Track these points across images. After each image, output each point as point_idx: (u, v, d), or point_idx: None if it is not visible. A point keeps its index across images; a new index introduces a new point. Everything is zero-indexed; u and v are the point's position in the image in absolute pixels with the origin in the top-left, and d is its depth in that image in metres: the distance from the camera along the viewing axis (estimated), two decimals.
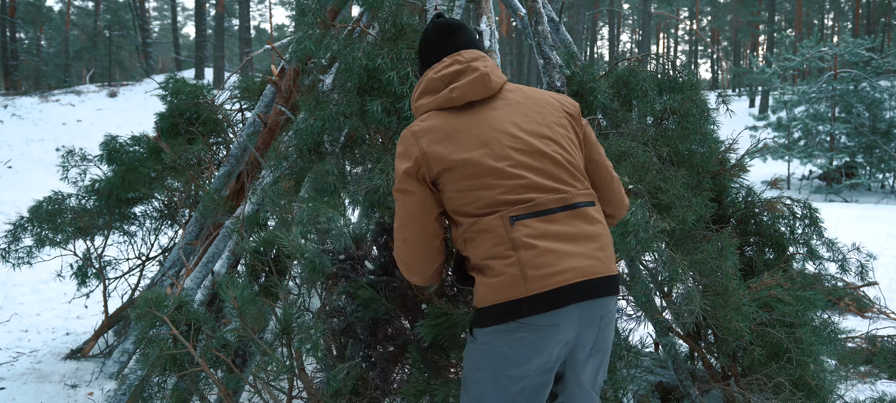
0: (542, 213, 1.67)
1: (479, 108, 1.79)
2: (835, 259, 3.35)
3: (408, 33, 2.74)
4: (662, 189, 2.67)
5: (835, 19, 43.98)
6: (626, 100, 3.15)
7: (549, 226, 1.66)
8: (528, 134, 1.75)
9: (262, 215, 3.02)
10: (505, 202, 1.66)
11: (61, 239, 4.09)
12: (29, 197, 6.42)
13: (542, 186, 1.69)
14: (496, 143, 1.71)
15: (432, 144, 1.72)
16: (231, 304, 2.18)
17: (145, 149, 4.16)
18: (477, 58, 1.84)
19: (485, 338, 1.70)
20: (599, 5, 35.35)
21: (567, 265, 1.63)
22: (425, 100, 1.83)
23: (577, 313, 1.65)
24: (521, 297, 1.61)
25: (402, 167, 1.75)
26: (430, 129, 1.75)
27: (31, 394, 3.49)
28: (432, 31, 1.91)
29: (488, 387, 1.73)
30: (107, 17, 32.02)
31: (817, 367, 2.54)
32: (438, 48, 1.88)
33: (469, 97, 1.78)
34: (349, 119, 2.57)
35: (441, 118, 1.77)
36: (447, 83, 1.80)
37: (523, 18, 3.55)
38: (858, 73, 15.85)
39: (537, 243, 1.63)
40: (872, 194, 15.93)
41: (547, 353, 1.67)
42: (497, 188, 1.67)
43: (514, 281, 1.61)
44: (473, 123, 1.75)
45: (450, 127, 1.74)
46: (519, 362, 1.67)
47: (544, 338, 1.65)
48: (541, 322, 1.62)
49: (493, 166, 1.68)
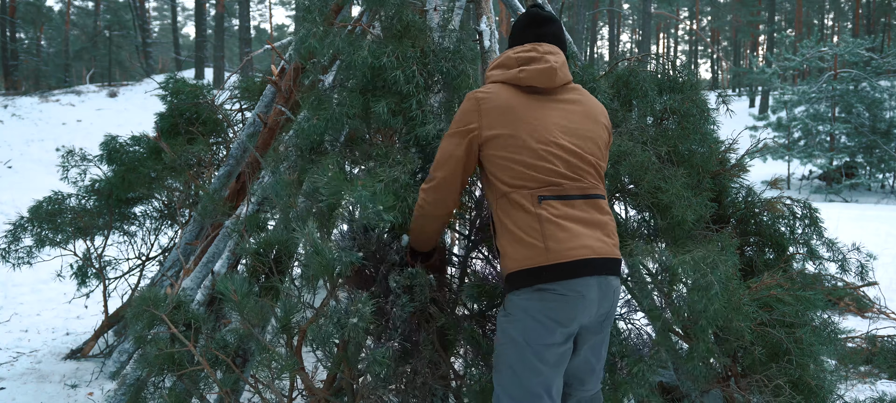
0: (565, 198, 1.93)
1: (539, 96, 2.03)
2: (835, 259, 3.35)
3: (412, 31, 2.73)
4: (662, 188, 2.67)
5: (835, 19, 43.98)
6: (626, 100, 3.15)
7: (568, 209, 1.93)
8: (570, 132, 2.00)
9: (263, 216, 3.01)
10: (536, 182, 1.92)
11: (61, 239, 4.08)
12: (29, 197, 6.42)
13: (568, 176, 1.95)
14: (542, 130, 1.96)
15: (490, 111, 1.98)
16: (230, 299, 2.17)
17: (145, 149, 4.15)
18: (552, 52, 2.07)
19: (518, 305, 1.92)
20: (599, 5, 35.34)
21: (581, 243, 1.89)
22: (497, 72, 2.08)
23: (596, 285, 1.91)
24: (541, 265, 1.87)
25: (461, 120, 2.01)
26: (492, 98, 2.00)
27: (31, 394, 3.49)
28: (525, 16, 2.17)
29: (521, 359, 1.91)
30: (107, 17, 32.01)
31: (817, 367, 2.54)
32: (525, 32, 2.13)
33: (533, 82, 2.02)
34: (352, 119, 2.57)
35: (505, 91, 2.01)
36: (519, 64, 2.04)
37: None
38: (858, 73, 15.86)
39: (559, 221, 1.89)
40: (872, 194, 15.93)
41: (574, 321, 1.91)
42: (532, 168, 1.93)
43: (537, 251, 1.88)
44: (529, 107, 1.99)
45: (510, 102, 1.99)
46: (549, 328, 1.89)
47: (573, 306, 1.89)
48: (566, 289, 1.87)
49: (533, 147, 1.93)
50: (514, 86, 2.02)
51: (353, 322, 1.96)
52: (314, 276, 2.17)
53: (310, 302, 2.37)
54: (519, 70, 2.02)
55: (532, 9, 2.18)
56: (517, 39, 2.15)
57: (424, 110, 2.47)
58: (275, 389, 2.25)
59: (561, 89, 2.07)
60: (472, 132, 1.99)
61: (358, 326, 1.96)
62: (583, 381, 2.10)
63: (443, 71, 2.61)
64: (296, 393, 2.39)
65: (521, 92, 2.02)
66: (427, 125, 2.43)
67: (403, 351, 2.23)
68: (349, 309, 2.01)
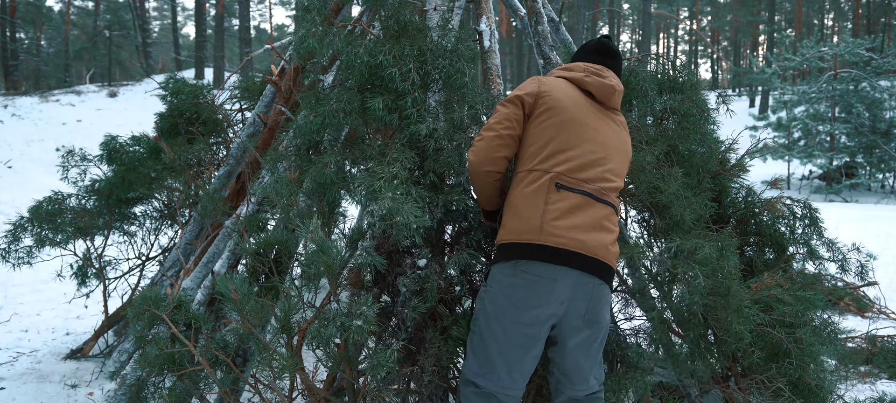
0: (580, 193, 2.03)
1: (593, 105, 2.20)
2: (835, 259, 3.35)
3: (410, 31, 2.73)
4: (660, 188, 2.67)
5: (835, 19, 43.97)
6: (626, 100, 3.15)
7: (577, 204, 2.02)
8: (606, 144, 2.14)
9: (263, 216, 3.01)
10: (560, 167, 2.04)
11: (61, 239, 4.08)
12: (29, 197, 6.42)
13: (591, 177, 2.06)
14: (584, 127, 2.11)
15: (548, 91, 2.15)
16: (230, 299, 2.17)
17: (145, 149, 4.15)
18: (614, 77, 2.28)
19: (495, 277, 2.05)
20: (599, 5, 35.34)
21: (575, 236, 1.99)
22: (563, 71, 2.30)
23: (573, 279, 1.99)
24: (529, 242, 1.98)
25: (518, 90, 2.18)
26: (553, 82, 2.20)
27: (31, 394, 3.49)
28: (597, 44, 2.37)
29: (488, 327, 2.04)
30: (107, 17, 32.01)
31: (817, 367, 2.54)
32: (594, 55, 2.34)
33: (593, 89, 2.22)
34: (349, 116, 2.57)
35: (565, 84, 2.21)
36: (586, 72, 2.24)
37: (523, 18, 3.55)
38: (858, 73, 15.85)
39: (564, 211, 2.00)
40: (872, 194, 15.93)
41: (543, 306, 1.99)
42: (561, 153, 2.06)
43: (530, 227, 1.99)
44: (581, 105, 2.16)
45: (567, 92, 2.17)
46: (519, 308, 1.99)
47: (543, 289, 1.98)
48: (541, 272, 1.97)
49: (570, 135, 2.08)
50: (574, 85, 2.22)
51: (357, 324, 1.96)
52: (317, 275, 2.17)
53: (310, 302, 2.37)
54: (585, 74, 2.23)
55: (604, 39, 2.38)
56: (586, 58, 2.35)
57: (419, 108, 2.46)
58: (276, 389, 2.24)
59: (611, 111, 2.26)
60: (524, 100, 2.14)
61: (362, 328, 1.95)
62: (572, 380, 2.13)
63: (441, 69, 2.61)
64: (296, 393, 2.39)
65: (579, 92, 2.20)
66: (421, 123, 2.42)
67: (407, 352, 2.23)
68: (351, 311, 2.01)
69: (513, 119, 2.14)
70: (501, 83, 3.16)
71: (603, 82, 2.22)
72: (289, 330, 2.21)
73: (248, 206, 3.01)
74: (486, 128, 2.18)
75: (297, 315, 2.25)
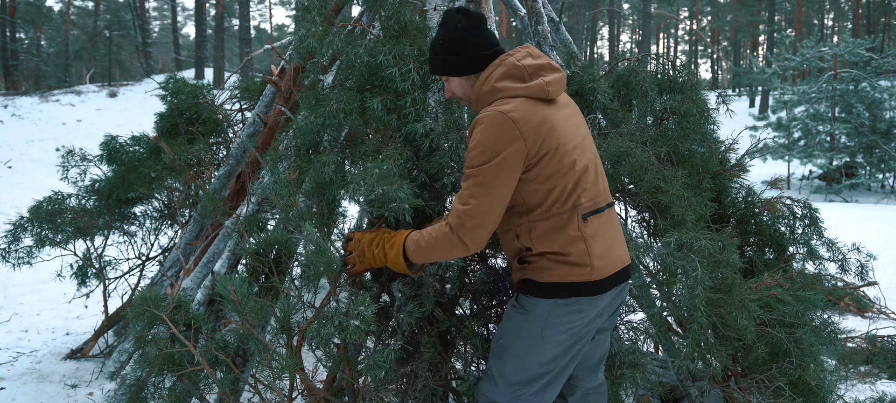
0: (599, 211, 1.93)
1: (557, 106, 1.92)
2: (835, 259, 3.35)
3: (411, 31, 2.73)
4: (662, 189, 2.67)
5: (835, 19, 43.98)
6: (626, 100, 3.14)
7: (603, 222, 1.93)
8: (585, 140, 1.97)
9: (263, 216, 3.01)
10: (582, 197, 1.87)
11: (61, 239, 4.08)
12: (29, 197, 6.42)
13: (597, 189, 1.95)
14: (580, 143, 1.92)
15: (534, 131, 1.80)
16: (230, 299, 2.17)
17: (145, 149, 4.15)
18: (546, 56, 1.99)
19: (541, 310, 1.91)
20: (599, 5, 35.33)
21: (615, 255, 1.94)
22: (510, 83, 1.88)
23: (613, 292, 1.95)
24: (586, 280, 1.87)
25: (502, 150, 1.78)
26: (528, 116, 1.81)
27: (31, 394, 3.49)
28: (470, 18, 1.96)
29: (529, 353, 1.93)
30: (107, 17, 32.01)
31: (817, 367, 2.54)
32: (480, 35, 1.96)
33: (557, 93, 1.92)
34: (349, 116, 2.56)
35: (534, 107, 1.84)
36: (533, 74, 1.88)
37: (523, 18, 3.55)
38: (858, 73, 15.85)
39: (601, 236, 1.90)
40: (872, 194, 15.93)
41: (587, 322, 1.93)
42: (578, 185, 1.87)
43: (584, 269, 1.86)
44: (562, 119, 1.89)
45: (545, 118, 1.84)
46: (565, 330, 1.91)
47: (591, 310, 1.92)
48: (592, 300, 1.90)
49: (578, 161, 1.87)
50: (538, 100, 1.86)
51: (355, 324, 1.95)
52: (316, 275, 2.17)
53: (310, 302, 2.37)
54: (545, 82, 1.86)
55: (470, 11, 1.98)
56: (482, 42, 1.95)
57: (418, 108, 2.46)
58: (276, 389, 2.25)
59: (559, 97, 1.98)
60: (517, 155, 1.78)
61: (360, 329, 1.95)
62: (589, 371, 2.15)
63: None
64: (295, 393, 2.39)
65: (546, 105, 1.87)
66: (418, 123, 2.42)
67: (405, 353, 2.23)
68: (350, 311, 2.00)
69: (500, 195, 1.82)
70: None
71: (559, 77, 1.92)
72: (288, 331, 2.21)
73: (248, 206, 3.01)
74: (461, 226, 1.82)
75: (297, 315, 2.25)
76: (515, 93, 1.85)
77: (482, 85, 1.95)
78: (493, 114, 1.81)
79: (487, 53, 1.96)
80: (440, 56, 2.01)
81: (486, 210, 1.82)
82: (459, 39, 1.96)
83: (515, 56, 1.93)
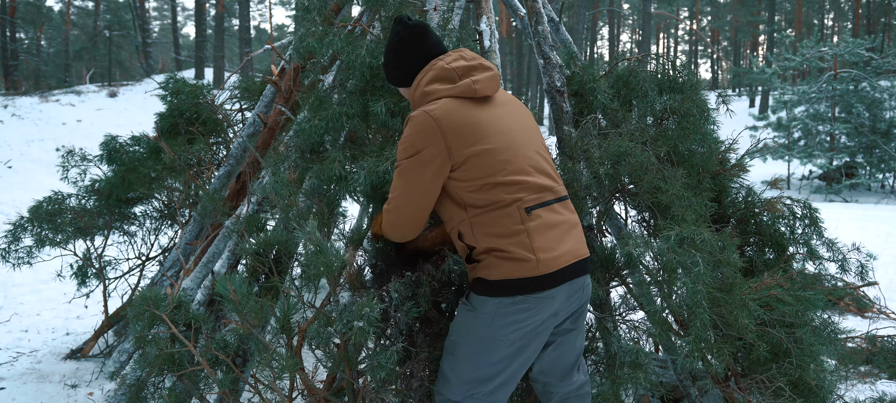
0: (547, 204, 1.90)
1: (491, 104, 1.94)
2: (835, 259, 3.35)
3: None
4: (662, 189, 2.67)
5: (835, 19, 43.98)
6: (626, 100, 3.14)
7: (551, 216, 1.90)
8: (527, 135, 1.97)
9: (263, 216, 3.01)
10: (519, 193, 1.85)
11: (61, 239, 4.08)
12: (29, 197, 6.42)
13: (543, 183, 1.92)
14: (514, 138, 1.90)
15: (456, 132, 1.83)
16: (230, 300, 2.17)
17: (145, 149, 4.15)
18: (478, 56, 2.00)
19: (488, 308, 1.89)
20: (599, 5, 35.33)
21: (564, 248, 1.89)
22: (438, 85, 1.93)
23: (568, 288, 1.91)
24: (532, 276, 1.84)
25: (422, 149, 1.84)
26: (450, 115, 1.85)
27: (31, 394, 3.49)
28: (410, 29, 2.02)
29: (480, 352, 1.93)
30: (107, 17, 32.02)
31: (817, 367, 2.54)
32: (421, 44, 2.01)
33: (488, 91, 1.93)
34: (352, 119, 2.57)
35: (461, 105, 1.88)
36: (462, 75, 1.92)
37: (523, 18, 3.55)
38: (858, 73, 15.85)
39: (546, 231, 1.86)
40: (872, 194, 15.93)
41: (539, 322, 1.91)
42: (513, 181, 1.85)
43: (528, 265, 1.83)
44: (492, 117, 1.90)
45: (472, 116, 1.87)
46: (515, 329, 1.90)
47: (541, 309, 1.89)
48: (541, 296, 1.87)
49: (508, 160, 1.86)
50: (466, 100, 1.90)
51: (359, 325, 1.96)
52: (316, 275, 2.18)
53: (310, 302, 2.37)
54: (473, 81, 1.90)
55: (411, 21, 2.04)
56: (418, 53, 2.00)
57: None
58: (276, 389, 2.25)
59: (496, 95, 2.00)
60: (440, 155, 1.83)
61: (364, 330, 1.95)
62: (562, 376, 2.13)
63: None
64: (295, 393, 2.39)
65: (475, 104, 1.90)
66: None
67: (406, 353, 2.23)
68: (354, 312, 2.01)
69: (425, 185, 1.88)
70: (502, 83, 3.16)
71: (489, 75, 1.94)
72: (288, 331, 2.21)
73: (248, 206, 3.01)
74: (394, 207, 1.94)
75: (297, 315, 2.25)
76: (442, 95, 1.90)
77: (415, 90, 2.01)
78: (418, 114, 1.87)
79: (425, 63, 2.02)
80: (386, 68, 2.11)
81: (403, 203, 1.91)
82: (400, 51, 2.03)
83: (446, 60, 1.97)
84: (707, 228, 2.54)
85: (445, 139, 1.83)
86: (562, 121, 3.05)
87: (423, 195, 1.89)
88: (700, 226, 2.49)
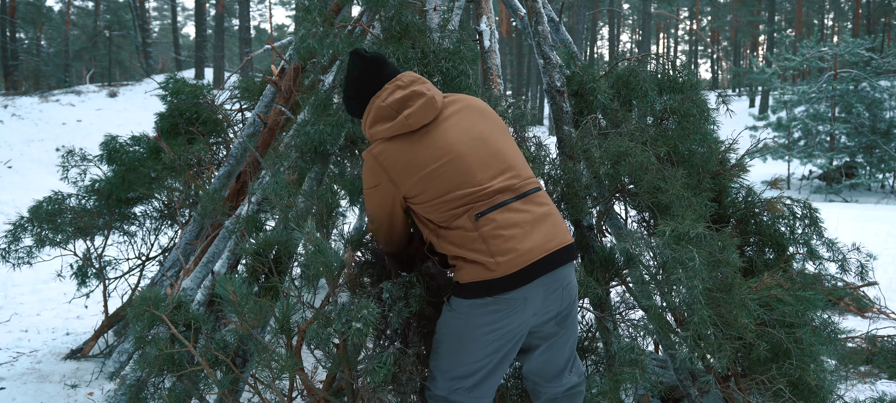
0: (501, 205, 1.91)
1: (433, 125, 1.97)
2: (835, 259, 3.35)
3: (412, 32, 2.73)
4: (662, 189, 2.67)
5: (835, 19, 43.97)
6: (626, 100, 3.15)
7: (508, 215, 1.91)
8: (476, 139, 1.97)
9: (263, 216, 3.01)
10: (469, 203, 1.90)
11: (61, 239, 4.08)
12: (29, 197, 6.41)
13: (496, 185, 1.93)
14: (459, 151, 1.93)
15: (398, 170, 1.95)
16: (229, 301, 2.17)
17: (145, 149, 4.15)
18: (416, 80, 2.01)
19: (463, 308, 1.97)
20: (599, 5, 35.34)
21: (528, 246, 1.89)
22: (380, 126, 1.99)
23: (541, 287, 1.92)
24: (493, 278, 1.87)
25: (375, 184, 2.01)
26: (389, 155, 1.96)
27: (31, 394, 3.49)
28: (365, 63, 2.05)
29: (459, 350, 2.01)
30: (107, 17, 32.02)
31: (817, 367, 2.54)
32: (377, 78, 2.03)
33: (423, 121, 1.96)
34: (352, 121, 2.58)
35: (397, 146, 1.96)
36: (398, 109, 1.96)
37: (523, 18, 3.56)
38: (858, 73, 15.84)
39: (501, 232, 1.88)
40: (872, 194, 15.93)
41: (516, 324, 1.94)
42: (461, 195, 1.90)
43: (486, 266, 1.88)
44: (429, 142, 1.94)
45: (409, 150, 1.94)
46: (490, 330, 1.94)
47: (515, 310, 1.92)
48: (511, 297, 1.89)
49: (454, 176, 1.91)
50: (404, 135, 1.96)
51: (357, 326, 1.97)
52: (315, 276, 2.18)
53: (310, 302, 2.37)
54: (405, 117, 1.93)
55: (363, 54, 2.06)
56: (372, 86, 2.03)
57: None
58: (275, 389, 2.25)
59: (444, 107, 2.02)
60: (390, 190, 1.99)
61: (361, 331, 1.96)
62: (551, 378, 2.15)
63: (443, 71, 2.61)
64: (295, 394, 2.39)
65: (411, 136, 1.96)
66: None
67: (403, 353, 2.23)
68: (352, 312, 2.01)
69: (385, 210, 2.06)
70: (501, 83, 3.16)
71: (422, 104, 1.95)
72: (288, 331, 2.21)
73: (248, 206, 3.01)
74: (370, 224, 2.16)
75: (297, 315, 2.25)
76: (383, 136, 1.98)
77: (364, 130, 2.08)
78: (366, 154, 2.02)
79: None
80: (345, 101, 2.17)
81: (375, 227, 2.12)
82: (353, 86, 2.09)
83: (382, 96, 2.00)
84: (704, 226, 2.54)
85: (389, 174, 1.96)
86: (562, 121, 3.05)
87: (388, 218, 2.07)
88: (697, 223, 2.48)
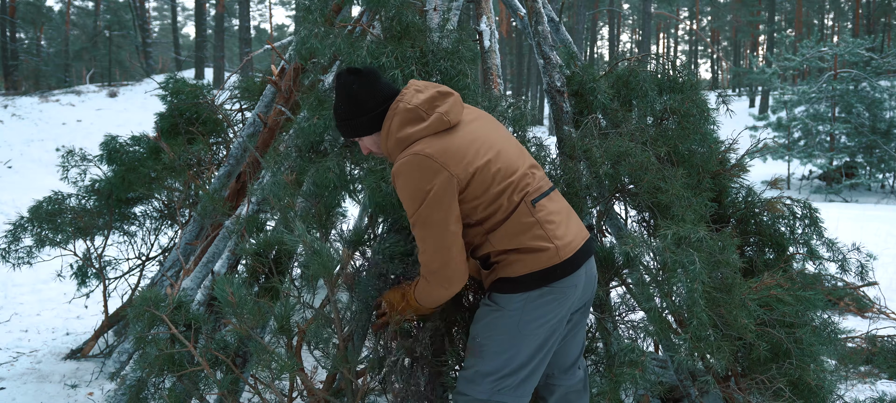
0: (545, 194, 1.97)
1: (463, 124, 1.97)
2: (835, 259, 3.35)
3: (412, 32, 2.73)
4: (662, 189, 2.66)
5: (835, 19, 43.96)
6: (626, 100, 3.14)
7: (552, 204, 1.97)
8: (504, 138, 2.03)
9: (263, 216, 3.01)
10: (522, 190, 1.91)
11: (61, 239, 4.08)
12: (29, 197, 6.42)
13: (536, 174, 2.00)
14: (497, 145, 1.95)
15: (451, 158, 1.85)
16: (228, 302, 2.17)
17: (145, 149, 4.15)
18: (429, 85, 1.99)
19: (515, 304, 1.92)
20: (599, 5, 35.33)
21: (574, 233, 1.97)
22: (412, 128, 1.91)
23: (584, 274, 1.98)
24: (555, 264, 1.89)
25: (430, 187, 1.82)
26: (435, 146, 1.86)
27: (31, 394, 3.49)
28: (368, 76, 1.98)
29: (509, 348, 1.95)
30: (107, 17, 32.02)
31: (817, 367, 2.54)
32: (380, 86, 1.98)
33: (458, 118, 1.95)
34: None
35: (441, 139, 1.89)
36: (428, 110, 1.91)
37: (523, 18, 3.55)
38: (858, 73, 15.84)
39: (553, 218, 1.93)
40: (872, 194, 15.93)
41: (564, 312, 1.96)
42: (515, 181, 1.91)
43: (548, 252, 1.88)
44: (470, 137, 1.93)
45: (455, 144, 1.89)
46: (542, 322, 1.93)
47: (567, 298, 1.94)
48: (566, 283, 1.92)
49: (505, 164, 1.92)
50: (441, 132, 1.91)
51: None
52: (314, 276, 2.18)
53: (309, 303, 2.37)
54: (442, 113, 1.90)
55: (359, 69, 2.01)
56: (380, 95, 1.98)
57: None
58: (275, 389, 2.25)
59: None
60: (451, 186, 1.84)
61: None
62: (565, 368, 2.15)
63: (442, 71, 2.61)
64: (295, 394, 2.39)
65: (450, 132, 1.91)
66: None
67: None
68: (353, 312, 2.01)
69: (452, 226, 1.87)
70: (501, 83, 3.16)
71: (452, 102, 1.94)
72: (288, 331, 2.21)
73: (248, 207, 3.01)
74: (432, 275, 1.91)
75: (297, 316, 2.25)
76: (420, 136, 1.89)
77: (387, 139, 1.98)
78: (407, 160, 1.86)
79: (385, 108, 1.99)
80: (344, 122, 2.04)
81: (442, 252, 1.87)
82: (354, 102, 1.99)
83: (404, 100, 1.94)
84: (705, 228, 2.54)
85: (447, 167, 1.84)
86: (562, 121, 3.05)
87: (456, 225, 1.87)
88: (698, 226, 2.48)
